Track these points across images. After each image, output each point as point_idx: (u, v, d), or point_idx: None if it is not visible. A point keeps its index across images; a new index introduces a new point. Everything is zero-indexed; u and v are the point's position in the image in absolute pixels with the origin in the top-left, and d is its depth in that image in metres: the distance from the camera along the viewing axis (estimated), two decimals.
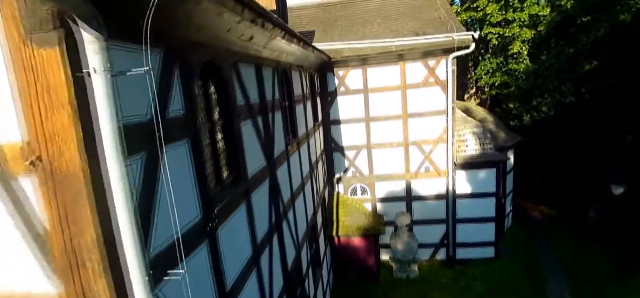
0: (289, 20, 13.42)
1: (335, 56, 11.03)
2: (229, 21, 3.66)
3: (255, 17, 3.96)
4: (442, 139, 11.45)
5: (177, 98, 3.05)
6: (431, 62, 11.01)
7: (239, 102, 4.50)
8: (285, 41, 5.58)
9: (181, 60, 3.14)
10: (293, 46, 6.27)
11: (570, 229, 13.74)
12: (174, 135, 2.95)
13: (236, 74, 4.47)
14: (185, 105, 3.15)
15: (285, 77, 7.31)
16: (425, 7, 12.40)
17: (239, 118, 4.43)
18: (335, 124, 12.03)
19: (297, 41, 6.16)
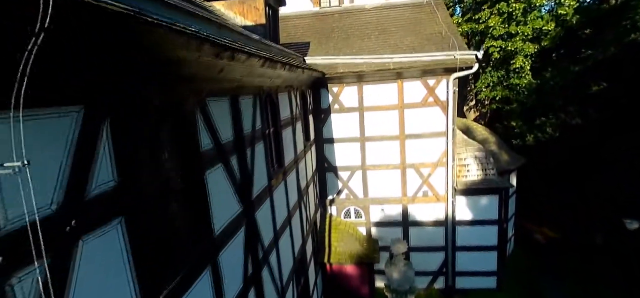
0: (284, 31, 12.81)
1: (329, 72, 10.36)
2: (185, 58, 2.98)
3: (221, 51, 3.28)
4: (442, 162, 10.78)
5: (105, 166, 2.34)
6: (431, 81, 10.36)
7: (206, 147, 3.81)
8: (266, 67, 4.89)
9: (115, 113, 2.45)
10: (278, 71, 5.59)
11: (576, 256, 13.09)
12: (98, 217, 2.25)
13: (202, 114, 3.77)
14: (117, 171, 2.45)
15: (271, 101, 6.62)
16: (426, 21, 11.78)
17: (203, 167, 3.74)
18: (328, 143, 11.34)
19: (281, 66, 5.48)
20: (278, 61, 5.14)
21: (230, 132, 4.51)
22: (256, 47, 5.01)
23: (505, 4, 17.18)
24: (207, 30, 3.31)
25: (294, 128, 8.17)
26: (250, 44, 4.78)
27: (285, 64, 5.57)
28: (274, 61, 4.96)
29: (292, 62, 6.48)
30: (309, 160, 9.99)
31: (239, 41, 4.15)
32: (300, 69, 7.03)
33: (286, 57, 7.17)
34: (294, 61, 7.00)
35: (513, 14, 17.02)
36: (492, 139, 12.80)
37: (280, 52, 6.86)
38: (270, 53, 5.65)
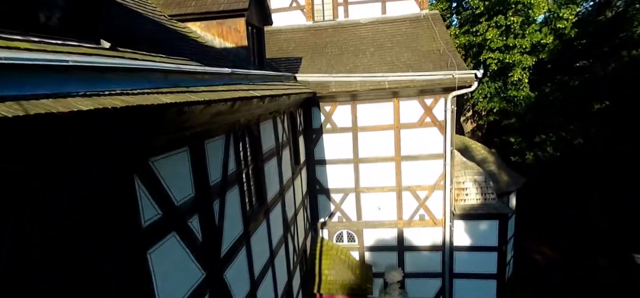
0: (275, 45, 12.00)
1: (321, 91, 9.54)
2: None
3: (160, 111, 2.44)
4: (439, 185, 9.96)
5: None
6: (428, 100, 9.54)
7: (150, 220, 2.97)
8: (237, 106, 4.06)
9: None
10: (255, 104, 4.76)
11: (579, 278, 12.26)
12: None
13: (145, 180, 2.93)
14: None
15: (250, 134, 5.79)
16: (423, 37, 10.96)
17: (145, 246, 2.90)
18: (320, 164, 10.50)
19: (259, 100, 4.64)
20: (252, 97, 4.31)
21: (190, 189, 3.68)
22: (226, 81, 4.20)
23: (502, 17, 16.37)
24: (143, 83, 2.49)
25: (280, 157, 7.34)
26: (215, 81, 3.95)
27: (263, 97, 4.73)
28: (247, 98, 4.12)
29: (274, 90, 5.65)
30: (298, 185, 9.16)
31: (195, 85, 3.33)
32: (285, 96, 6.19)
33: (269, 83, 6.35)
34: (277, 88, 6.17)
35: (511, 27, 16.21)
36: (491, 158, 11.98)
37: (262, 78, 6.03)
38: (247, 85, 4.83)
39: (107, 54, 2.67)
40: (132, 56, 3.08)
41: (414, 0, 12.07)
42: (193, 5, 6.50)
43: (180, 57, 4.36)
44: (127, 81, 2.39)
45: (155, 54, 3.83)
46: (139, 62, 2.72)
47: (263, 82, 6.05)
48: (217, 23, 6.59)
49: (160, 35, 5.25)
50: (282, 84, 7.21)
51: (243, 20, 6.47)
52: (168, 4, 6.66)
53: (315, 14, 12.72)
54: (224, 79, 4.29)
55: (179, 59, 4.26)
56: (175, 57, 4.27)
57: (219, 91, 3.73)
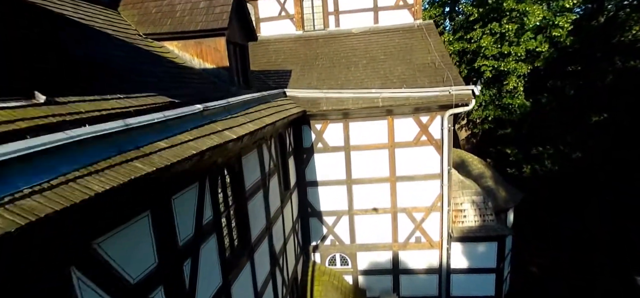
0: (264, 56, 11.44)
1: (311, 109, 9.02)
2: None
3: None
4: (436, 207, 9.51)
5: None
6: (424, 118, 9.08)
7: None
8: (208, 155, 3.51)
9: None
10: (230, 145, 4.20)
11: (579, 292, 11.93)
12: None
13: (86, 271, 2.36)
14: None
15: (230, 171, 5.23)
16: (417, 48, 10.51)
17: None
18: (312, 186, 9.97)
19: (236, 141, 4.09)
20: (226, 142, 3.75)
21: (153, 257, 3.12)
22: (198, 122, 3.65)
23: (497, 24, 16.07)
24: (79, 159, 1.94)
25: (267, 188, 6.79)
26: (184, 125, 3.40)
27: (240, 138, 4.18)
28: (219, 146, 3.57)
29: (257, 122, 5.11)
30: (288, 212, 8.62)
31: (156, 138, 2.77)
32: (270, 125, 5.65)
33: (254, 108, 5.80)
34: (262, 115, 5.63)
35: (506, 34, 15.90)
36: (488, 173, 11.59)
37: (243, 105, 5.47)
38: (223, 121, 4.28)
39: (30, 120, 2.09)
40: (71, 111, 2.51)
41: (407, 9, 11.62)
42: (169, 23, 5.91)
43: (146, 94, 3.79)
44: (52, 164, 1.82)
45: (111, 97, 3.26)
46: (74, 132, 2.14)
47: (245, 109, 5.50)
48: (195, 42, 6.02)
49: (129, 62, 4.66)
50: (268, 106, 6.66)
51: (223, 39, 5.91)
52: (143, 22, 6.06)
53: (306, 23, 12.19)
54: (195, 120, 3.74)
55: (144, 97, 3.69)
56: (139, 94, 3.70)
57: (185, 141, 3.18)
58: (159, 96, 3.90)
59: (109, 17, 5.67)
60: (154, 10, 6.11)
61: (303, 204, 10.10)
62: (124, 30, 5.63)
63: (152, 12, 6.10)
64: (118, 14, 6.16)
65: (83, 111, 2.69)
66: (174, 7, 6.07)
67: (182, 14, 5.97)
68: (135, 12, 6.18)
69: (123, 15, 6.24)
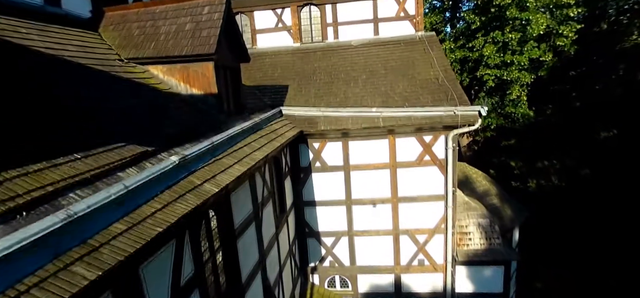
0: (260, 70, 10.88)
1: (308, 129, 8.47)
2: None
3: None
4: (440, 229, 8.94)
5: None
6: (427, 137, 8.52)
7: None
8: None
9: None
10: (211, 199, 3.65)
11: None
12: None
13: None
14: None
15: (217, 213, 4.68)
16: (419, 62, 9.94)
17: None
18: (309, 206, 9.42)
19: (217, 195, 3.54)
20: (205, 201, 3.20)
21: None
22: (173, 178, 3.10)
23: (500, 33, 15.46)
24: None
25: (260, 219, 6.23)
26: (155, 188, 2.85)
27: (224, 188, 3.63)
28: (196, 208, 3.02)
29: (246, 160, 4.56)
30: (283, 236, 8.06)
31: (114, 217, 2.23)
32: (262, 160, 5.09)
33: (244, 140, 5.24)
34: (253, 148, 5.07)
35: (508, 43, 15.30)
36: (494, 190, 11.01)
37: (231, 140, 4.92)
38: (205, 167, 3.73)
39: None
40: (2, 196, 1.96)
41: (409, 21, 11.05)
42: (152, 47, 5.36)
43: (113, 146, 3.23)
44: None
45: (65, 161, 2.71)
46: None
47: (233, 145, 4.95)
48: (181, 67, 5.47)
49: (102, 98, 4.11)
50: (260, 135, 6.12)
51: (211, 64, 5.36)
52: (124, 45, 5.52)
53: (303, 35, 11.63)
54: (169, 178, 3.19)
55: (109, 152, 3.14)
56: (104, 148, 3.15)
57: (150, 214, 2.63)
58: (128, 147, 3.35)
59: (85, 41, 5.13)
60: (137, 33, 5.57)
61: (300, 224, 9.54)
62: (102, 56, 5.08)
63: (134, 34, 5.56)
64: (98, 37, 5.61)
65: (20, 192, 2.15)
66: (158, 30, 5.52)
67: (167, 37, 5.42)
68: (116, 35, 5.64)
69: (104, 37, 5.70)
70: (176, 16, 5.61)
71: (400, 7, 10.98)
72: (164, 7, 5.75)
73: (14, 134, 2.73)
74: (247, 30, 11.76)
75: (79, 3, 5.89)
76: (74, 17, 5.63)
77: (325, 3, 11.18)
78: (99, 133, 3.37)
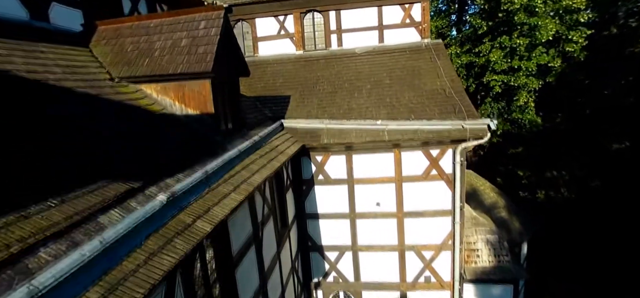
0: (261, 79, 10.55)
1: (310, 142, 8.13)
2: None
3: None
4: (447, 245, 8.56)
5: None
6: (434, 151, 8.13)
7: None
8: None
9: None
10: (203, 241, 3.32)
11: None
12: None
13: None
14: None
15: (213, 241, 4.35)
16: (425, 72, 9.55)
17: None
18: (312, 218, 9.09)
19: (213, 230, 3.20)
20: (197, 242, 2.87)
21: None
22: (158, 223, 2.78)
23: (507, 38, 15.01)
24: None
25: (260, 241, 5.90)
26: (135, 238, 2.51)
27: (215, 228, 3.29)
28: (181, 257, 2.68)
29: (242, 189, 4.22)
30: (285, 253, 7.73)
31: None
32: (261, 183, 4.76)
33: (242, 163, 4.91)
34: (251, 179, 4.74)
35: (516, 49, 14.83)
36: (502, 202, 10.59)
37: (228, 165, 4.58)
38: (195, 204, 3.40)
39: None
40: None
41: (415, 28, 10.66)
42: (145, 64, 5.04)
43: (94, 187, 2.91)
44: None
45: (37, 210, 2.39)
46: None
47: (230, 169, 4.62)
48: (176, 85, 5.14)
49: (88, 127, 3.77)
50: (260, 155, 5.78)
51: (208, 82, 5.03)
52: (116, 62, 5.20)
53: (306, 43, 11.27)
54: (155, 221, 2.85)
55: (90, 194, 2.81)
56: (84, 190, 2.82)
57: (129, 273, 2.29)
58: (112, 184, 3.02)
59: (74, 60, 4.81)
60: (130, 48, 5.25)
61: (303, 238, 9.21)
62: (91, 77, 4.76)
63: (127, 50, 5.24)
64: (89, 53, 5.30)
65: None
66: (153, 45, 5.20)
67: (162, 53, 5.09)
68: (108, 50, 5.32)
69: (95, 52, 5.38)
70: (172, 30, 5.28)
71: (405, 13, 10.60)
72: (159, 21, 5.42)
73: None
74: (249, 37, 11.45)
75: (70, 16, 5.58)
76: (63, 31, 5.32)
77: (329, 9, 10.83)
78: (80, 170, 3.04)
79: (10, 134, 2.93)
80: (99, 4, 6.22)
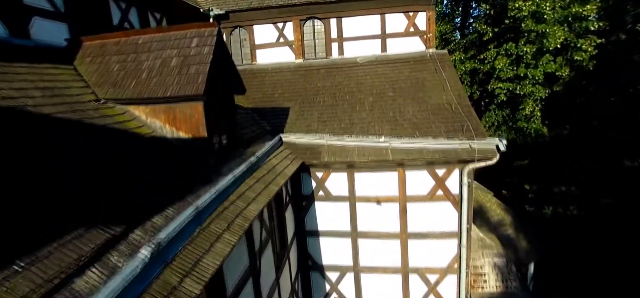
0: (259, 89, 10.26)
1: (310, 159, 7.84)
2: None
3: None
4: (453, 269, 8.28)
5: None
6: (440, 171, 7.85)
7: None
8: None
9: None
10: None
11: None
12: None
13: None
14: None
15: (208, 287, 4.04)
16: (430, 84, 9.27)
17: None
18: (312, 236, 8.81)
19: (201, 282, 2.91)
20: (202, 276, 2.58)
21: None
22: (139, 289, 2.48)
23: (513, 45, 14.75)
24: None
25: (258, 271, 5.61)
26: None
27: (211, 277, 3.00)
28: None
29: (236, 227, 3.93)
30: (284, 277, 7.43)
31: None
32: (251, 220, 4.47)
33: (234, 196, 4.62)
34: (246, 212, 4.44)
35: (523, 56, 14.57)
36: (508, 220, 10.32)
37: (221, 195, 4.29)
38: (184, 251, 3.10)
39: None
40: None
41: (419, 37, 10.38)
42: (132, 87, 4.74)
43: (68, 238, 2.61)
44: None
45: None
46: None
47: (224, 200, 4.33)
48: (166, 107, 4.85)
49: (62, 165, 3.49)
50: (257, 179, 5.48)
51: (200, 105, 4.73)
52: (102, 82, 4.90)
53: (306, 51, 10.99)
54: (139, 280, 2.55)
55: (62, 249, 2.52)
56: (56, 242, 2.52)
57: None
58: (90, 232, 2.73)
59: (56, 81, 4.51)
60: (116, 68, 4.95)
61: (303, 256, 8.93)
62: (74, 99, 4.46)
63: (113, 69, 4.94)
64: (72, 71, 5.00)
65: None
66: (141, 64, 4.90)
67: (150, 73, 4.80)
68: (94, 69, 5.02)
69: (80, 70, 5.09)
70: (161, 48, 4.99)
71: (410, 22, 10.33)
72: (148, 37, 5.12)
73: None
74: (247, 45, 11.16)
75: (53, 31, 5.30)
76: (46, 47, 5.03)
77: (330, 17, 10.55)
78: (55, 218, 2.75)
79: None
80: (86, 16, 5.94)
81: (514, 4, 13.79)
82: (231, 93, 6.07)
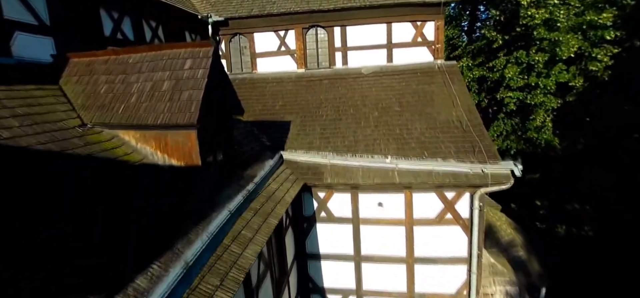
0: (260, 100, 9.97)
1: (312, 180, 7.54)
2: None
3: None
4: (462, 296, 7.95)
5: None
6: (449, 194, 7.53)
7: None
8: None
9: None
10: None
11: None
12: None
13: None
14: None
15: None
16: (438, 98, 8.96)
17: None
18: (313, 259, 8.50)
19: None
20: None
21: None
22: None
23: (524, 53, 14.39)
24: None
25: None
26: None
27: None
28: None
29: (235, 273, 3.63)
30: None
31: None
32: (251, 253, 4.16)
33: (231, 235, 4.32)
34: (244, 258, 4.14)
35: (534, 65, 14.21)
36: (519, 240, 9.99)
37: (216, 237, 3.99)
38: None
39: None
40: None
41: (427, 47, 10.08)
42: (120, 112, 4.44)
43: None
44: None
45: None
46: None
47: (219, 241, 4.03)
48: (157, 134, 4.55)
49: (37, 206, 3.20)
50: (255, 210, 5.18)
51: (193, 133, 4.43)
52: (89, 106, 4.61)
53: (309, 60, 10.69)
54: None
55: None
56: None
57: None
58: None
59: (37, 105, 4.22)
60: (104, 90, 4.66)
61: (304, 279, 8.63)
62: (58, 125, 4.16)
63: (101, 92, 4.65)
64: (58, 92, 4.71)
65: None
66: (130, 87, 4.60)
67: (139, 97, 4.50)
68: (80, 90, 4.74)
69: (66, 91, 4.80)
70: (152, 69, 4.69)
71: (417, 31, 10.02)
72: (139, 56, 4.83)
73: None
74: (247, 53, 10.88)
75: (38, 46, 5.02)
76: (29, 64, 4.76)
77: (334, 25, 10.26)
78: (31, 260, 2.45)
79: None
80: (75, 28, 5.66)
81: (526, 11, 13.43)
82: (228, 114, 5.76)
